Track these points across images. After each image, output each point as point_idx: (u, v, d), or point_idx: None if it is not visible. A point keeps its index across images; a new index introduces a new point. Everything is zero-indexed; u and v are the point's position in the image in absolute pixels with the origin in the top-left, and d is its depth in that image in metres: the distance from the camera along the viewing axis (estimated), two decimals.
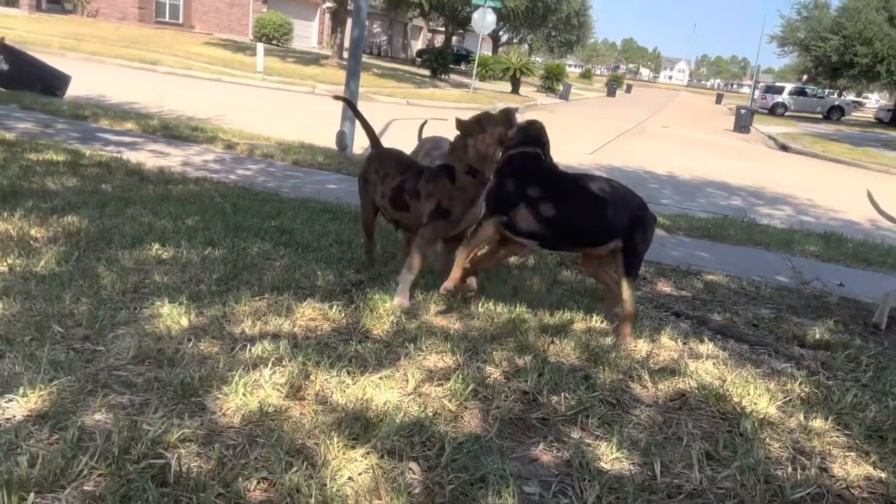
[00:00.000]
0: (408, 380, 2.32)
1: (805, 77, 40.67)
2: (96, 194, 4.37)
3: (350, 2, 22.63)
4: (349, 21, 10.55)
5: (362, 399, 2.15)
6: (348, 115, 8.26)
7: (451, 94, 23.06)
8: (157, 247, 3.36)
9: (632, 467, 1.99)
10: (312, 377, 2.25)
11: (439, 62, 30.26)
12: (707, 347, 3.00)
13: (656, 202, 7.90)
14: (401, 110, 15.93)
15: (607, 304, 3.30)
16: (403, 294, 3.04)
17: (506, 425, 2.15)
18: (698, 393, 2.49)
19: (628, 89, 57.36)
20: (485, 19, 24.74)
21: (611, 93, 44.55)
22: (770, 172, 13.20)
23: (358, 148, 8.45)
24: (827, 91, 39.62)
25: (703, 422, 2.31)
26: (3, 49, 9.81)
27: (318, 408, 2.08)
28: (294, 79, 19.81)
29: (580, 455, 2.00)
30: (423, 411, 2.12)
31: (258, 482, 1.72)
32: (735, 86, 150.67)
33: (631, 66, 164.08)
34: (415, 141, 4.38)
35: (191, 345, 2.40)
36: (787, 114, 37.28)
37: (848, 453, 2.19)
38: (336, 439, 1.89)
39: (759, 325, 3.51)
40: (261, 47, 20.67)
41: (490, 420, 2.16)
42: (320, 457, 1.83)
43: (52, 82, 10.12)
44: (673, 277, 4.27)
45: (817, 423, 2.35)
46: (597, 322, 3.12)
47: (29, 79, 9.81)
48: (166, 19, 34.11)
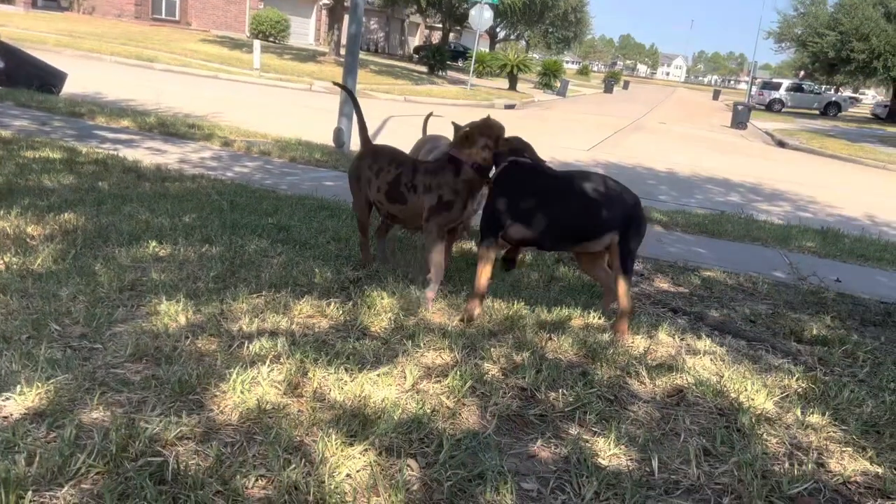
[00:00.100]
0: (406, 376, 2.33)
1: (802, 73, 40.74)
2: (93, 192, 4.36)
3: None
4: (346, 17, 10.53)
5: (360, 396, 2.15)
6: (345, 111, 8.25)
7: (448, 91, 23.03)
8: (154, 244, 3.35)
9: (629, 463, 1.99)
10: (310, 374, 2.25)
11: (436, 59, 30.23)
12: (704, 343, 3.00)
13: (654, 198, 7.91)
14: (398, 107, 15.91)
15: (605, 301, 3.31)
16: (432, 290, 3.09)
17: (504, 422, 2.15)
18: (696, 389, 2.50)
19: (625, 86, 57.43)
20: (482, 16, 24.70)
21: (608, 89, 44.56)
22: (767, 168, 13.21)
23: (355, 145, 8.36)
24: (824, 87, 39.71)
25: (700, 417, 2.32)
26: None
27: (316, 405, 2.08)
28: (291, 76, 19.77)
29: (578, 451, 2.00)
30: (421, 408, 2.12)
31: (256, 479, 1.72)
32: (732, 82, 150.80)
33: (628, 62, 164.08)
34: (412, 137, 4.38)
35: (188, 342, 2.39)
36: (784, 110, 37.34)
37: (845, 448, 2.20)
38: (334, 436, 1.90)
39: (757, 321, 3.52)
40: (257, 44, 20.62)
41: (488, 416, 2.16)
42: (318, 454, 1.83)
43: (48, 79, 10.07)
44: (670, 273, 4.28)
45: (814, 419, 2.36)
46: (594, 319, 3.12)
47: (25, 76, 9.76)
48: (163, 16, 34.06)
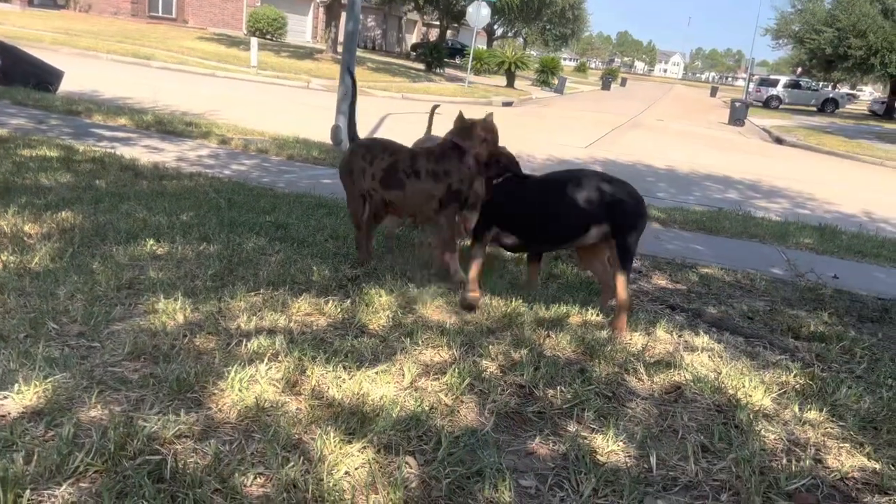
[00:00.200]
0: (404, 374, 2.33)
1: (799, 70, 40.71)
2: (90, 190, 4.35)
3: None
4: (343, 15, 10.50)
5: (358, 394, 2.15)
6: (343, 109, 8.24)
7: (446, 88, 23.00)
8: (151, 242, 3.35)
9: (628, 460, 2.00)
10: (308, 372, 2.25)
11: (434, 56, 30.18)
12: (702, 340, 3.00)
13: (652, 195, 7.91)
14: (395, 104, 15.89)
15: (603, 298, 3.31)
16: (469, 289, 3.05)
17: (502, 419, 2.16)
18: (694, 385, 2.50)
19: (623, 83, 57.38)
20: (479, 13, 24.67)
21: (606, 86, 44.55)
22: (765, 165, 13.22)
23: None
24: (821, 84, 39.69)
25: (698, 414, 2.32)
26: None
27: (315, 403, 2.08)
28: (288, 73, 19.74)
29: (576, 448, 2.01)
30: (420, 405, 2.12)
31: (255, 477, 1.72)
32: (730, 79, 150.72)
33: (626, 59, 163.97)
34: (409, 134, 4.37)
35: (186, 340, 2.39)
36: (782, 106, 37.34)
37: (842, 444, 2.20)
38: (332, 434, 1.90)
39: (754, 318, 3.53)
40: (255, 42, 20.58)
41: (486, 414, 2.16)
42: (317, 452, 1.83)
43: (44, 78, 10.05)
44: (668, 270, 4.28)
45: (812, 415, 2.36)
46: (592, 316, 3.13)
47: (21, 74, 9.73)
48: (159, 14, 33.98)
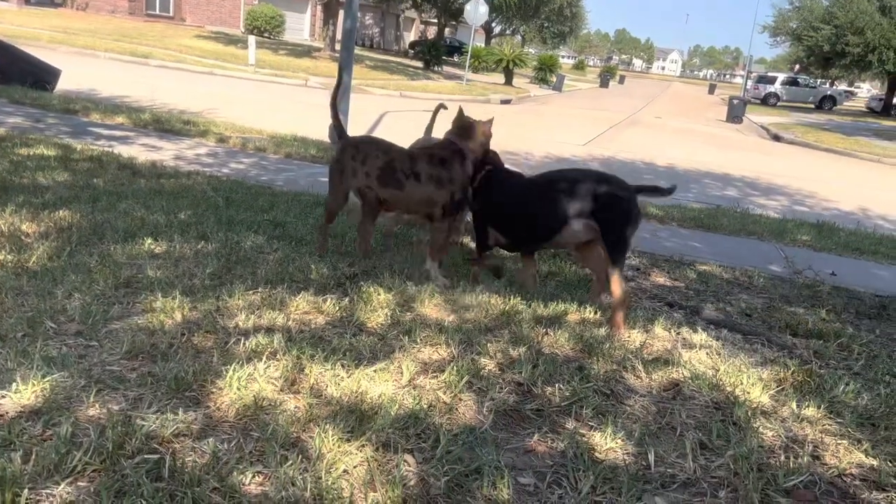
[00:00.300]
0: (402, 372, 2.33)
1: (797, 67, 40.73)
2: (88, 189, 4.34)
3: None
4: (341, 13, 10.48)
5: (357, 392, 2.15)
6: (341, 107, 8.23)
7: (444, 86, 22.99)
8: (149, 241, 3.34)
9: (626, 457, 2.00)
10: (307, 370, 2.25)
11: (432, 54, 30.15)
12: (700, 337, 3.01)
13: None
14: (394, 102, 15.88)
15: (592, 291, 3.32)
16: (438, 279, 3.25)
17: (500, 417, 2.16)
18: (692, 382, 2.51)
19: (621, 80, 57.43)
20: (477, 10, 24.66)
21: (604, 84, 44.56)
22: (763, 162, 13.23)
23: None
24: (819, 81, 39.70)
25: (696, 411, 2.32)
26: None
27: (313, 401, 2.08)
28: (286, 71, 19.71)
29: (575, 446, 2.01)
30: (418, 403, 2.12)
31: (253, 476, 1.72)
32: (728, 76, 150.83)
33: (624, 56, 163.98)
34: (408, 132, 4.37)
35: (184, 339, 2.39)
36: (780, 104, 37.39)
37: (840, 441, 2.20)
38: (331, 432, 1.90)
39: (752, 315, 3.53)
40: (252, 40, 20.55)
41: (485, 411, 2.16)
42: (315, 450, 1.83)
43: (42, 76, 10.03)
44: (666, 268, 4.29)
45: (810, 412, 2.37)
46: (590, 313, 3.12)
47: (19, 73, 9.71)
48: (157, 12, 33.92)
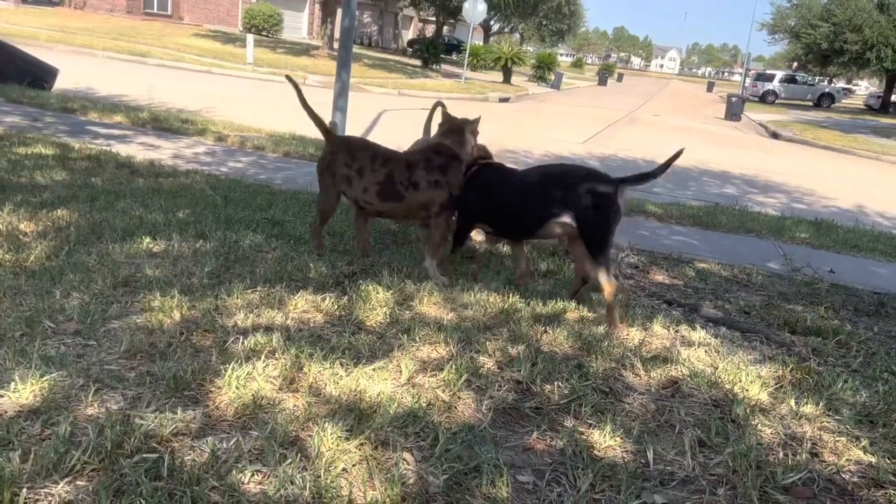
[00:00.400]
0: (401, 370, 2.33)
1: (795, 64, 40.78)
2: (86, 188, 4.34)
3: None
4: (339, 11, 10.47)
5: (356, 390, 2.15)
6: (339, 105, 8.22)
7: (442, 85, 22.98)
8: (148, 240, 3.34)
9: (625, 455, 2.00)
10: (306, 369, 2.25)
11: (430, 52, 30.11)
12: (699, 335, 3.01)
13: (649, 191, 7.90)
14: (392, 101, 15.88)
15: (573, 285, 3.31)
16: (437, 277, 3.26)
17: (499, 415, 2.16)
18: (690, 380, 2.51)
19: (620, 78, 57.44)
20: (475, 9, 24.62)
21: (602, 82, 44.53)
22: (761, 160, 13.23)
23: None
24: (817, 78, 39.74)
25: (695, 409, 2.32)
26: None
27: (312, 400, 2.08)
28: (285, 70, 19.68)
29: (573, 443, 2.01)
30: (417, 402, 2.12)
31: (252, 475, 1.72)
32: (726, 74, 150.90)
33: (622, 54, 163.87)
34: (406, 131, 4.36)
35: (183, 338, 2.39)
36: (778, 101, 37.38)
37: (839, 438, 2.21)
38: (330, 431, 1.90)
39: (751, 313, 3.53)
40: (251, 38, 20.52)
41: (483, 410, 2.16)
42: (314, 448, 1.83)
43: (40, 75, 10.01)
44: (665, 266, 4.29)
45: (808, 409, 2.37)
46: (589, 311, 3.13)
47: (16, 72, 9.69)
48: (155, 11, 33.85)
